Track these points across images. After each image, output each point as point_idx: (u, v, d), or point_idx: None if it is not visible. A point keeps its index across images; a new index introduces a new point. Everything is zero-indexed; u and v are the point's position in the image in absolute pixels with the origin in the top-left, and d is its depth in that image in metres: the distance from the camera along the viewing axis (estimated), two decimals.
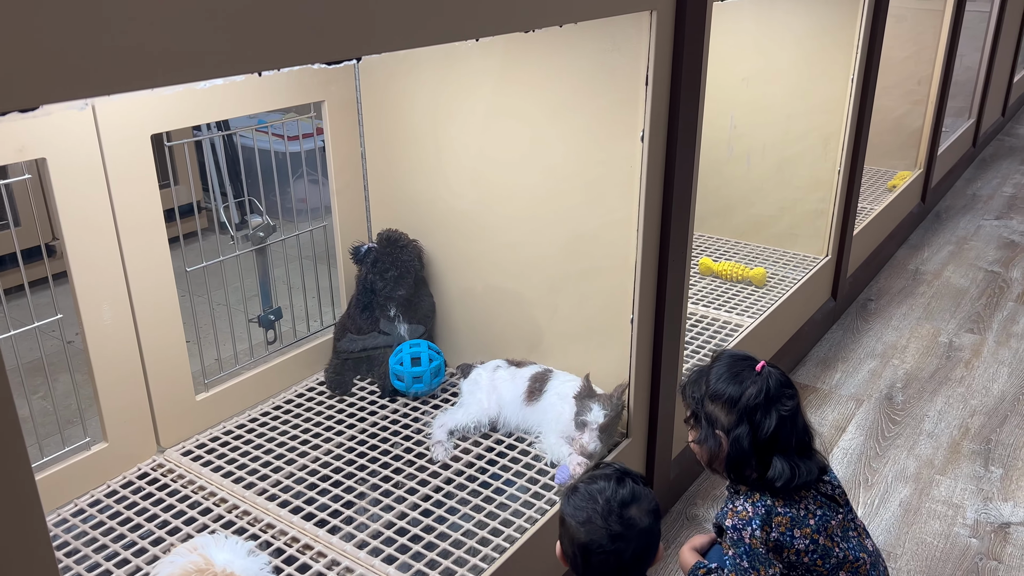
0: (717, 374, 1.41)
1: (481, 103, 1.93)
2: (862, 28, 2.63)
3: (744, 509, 1.36)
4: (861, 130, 2.81)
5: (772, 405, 1.36)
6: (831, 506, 1.40)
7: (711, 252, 3.12)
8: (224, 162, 2.64)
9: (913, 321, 3.11)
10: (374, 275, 2.11)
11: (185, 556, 1.14)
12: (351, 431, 1.98)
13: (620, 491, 1.25)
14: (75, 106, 1.49)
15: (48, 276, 1.77)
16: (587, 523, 1.23)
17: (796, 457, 1.36)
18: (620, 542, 1.22)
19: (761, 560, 1.33)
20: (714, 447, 1.40)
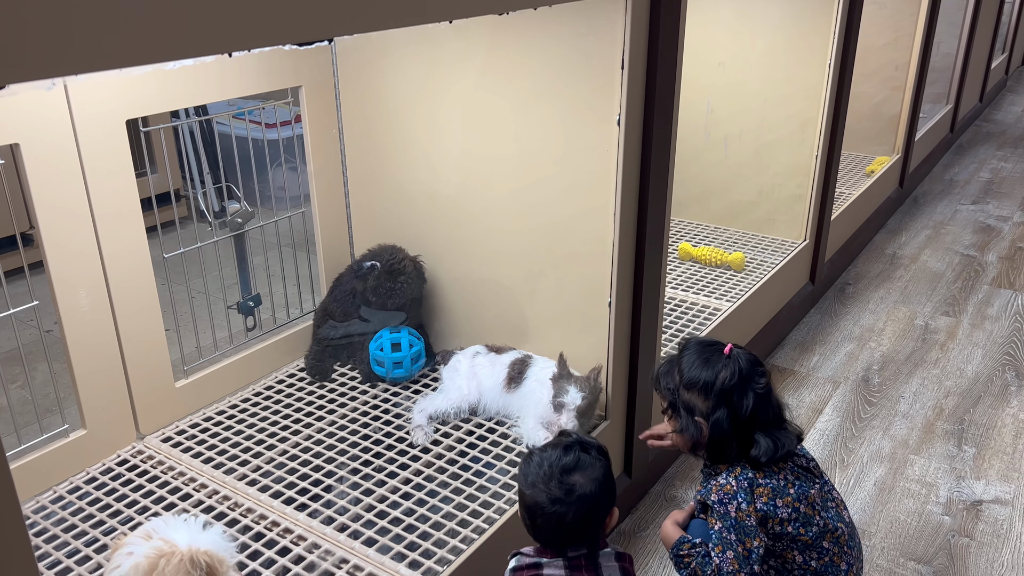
0: (688, 363, 1.44)
1: (457, 88, 1.93)
2: (839, 14, 2.65)
3: (728, 483, 1.39)
4: (838, 116, 2.83)
5: (747, 385, 1.40)
6: (808, 477, 1.43)
7: (690, 238, 3.14)
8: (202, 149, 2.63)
9: (890, 304, 3.15)
10: (375, 297, 2.09)
11: (141, 544, 1.12)
12: (331, 416, 1.99)
13: (564, 458, 1.31)
14: (41, 86, 1.48)
15: (24, 266, 1.75)
16: (532, 487, 1.30)
17: (775, 431, 1.41)
18: (559, 506, 1.27)
19: (747, 532, 1.35)
20: (695, 433, 1.43)
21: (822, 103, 2.77)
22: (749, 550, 1.35)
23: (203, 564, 1.16)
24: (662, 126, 1.72)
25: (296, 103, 2.13)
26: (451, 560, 1.52)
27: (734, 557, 1.35)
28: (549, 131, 1.81)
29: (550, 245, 1.92)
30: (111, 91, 1.67)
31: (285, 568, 1.52)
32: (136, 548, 1.14)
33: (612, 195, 1.71)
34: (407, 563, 1.52)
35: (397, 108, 2.06)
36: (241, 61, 1.91)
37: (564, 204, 1.85)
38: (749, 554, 1.35)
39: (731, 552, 1.36)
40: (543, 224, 1.92)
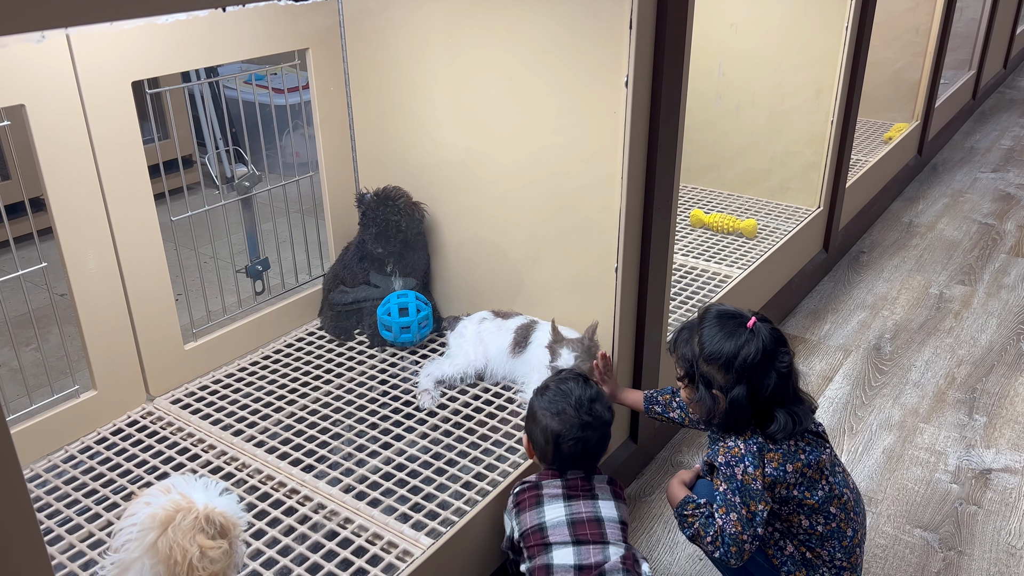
0: (710, 334, 1.39)
1: (464, 51, 1.91)
2: None
3: (736, 446, 1.37)
4: (855, 81, 2.78)
5: (769, 363, 1.36)
6: (818, 443, 1.42)
7: (703, 204, 3.11)
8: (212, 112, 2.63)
9: (905, 273, 3.11)
10: (361, 227, 2.10)
11: (160, 496, 1.14)
12: (339, 380, 2.00)
13: (588, 390, 1.51)
14: (30, 39, 1.47)
15: (33, 231, 1.76)
16: (561, 414, 1.47)
17: (792, 406, 1.38)
18: (588, 431, 1.47)
19: (752, 495, 1.35)
20: (711, 405, 1.40)
21: (838, 68, 2.71)
22: (753, 513, 1.35)
23: (217, 523, 1.17)
24: (671, 87, 1.69)
25: (304, 67, 2.12)
26: (455, 521, 1.53)
27: (737, 519, 1.35)
28: (556, 92, 1.79)
29: (557, 210, 1.91)
30: (116, 51, 1.67)
31: (291, 527, 1.54)
32: (154, 499, 1.16)
33: (620, 159, 1.69)
34: (411, 524, 1.54)
35: (405, 73, 2.04)
36: (248, 21, 1.89)
37: (571, 168, 1.83)
38: (753, 517, 1.35)
39: (735, 514, 1.35)
40: (550, 188, 1.90)
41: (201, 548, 1.09)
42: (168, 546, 1.08)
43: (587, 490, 1.48)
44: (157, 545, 1.08)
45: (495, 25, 1.84)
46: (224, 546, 1.16)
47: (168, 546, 1.08)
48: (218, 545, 1.12)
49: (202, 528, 1.14)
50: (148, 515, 1.13)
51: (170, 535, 1.09)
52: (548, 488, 1.47)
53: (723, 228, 2.84)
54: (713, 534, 1.38)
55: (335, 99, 2.16)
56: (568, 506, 1.45)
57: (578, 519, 1.43)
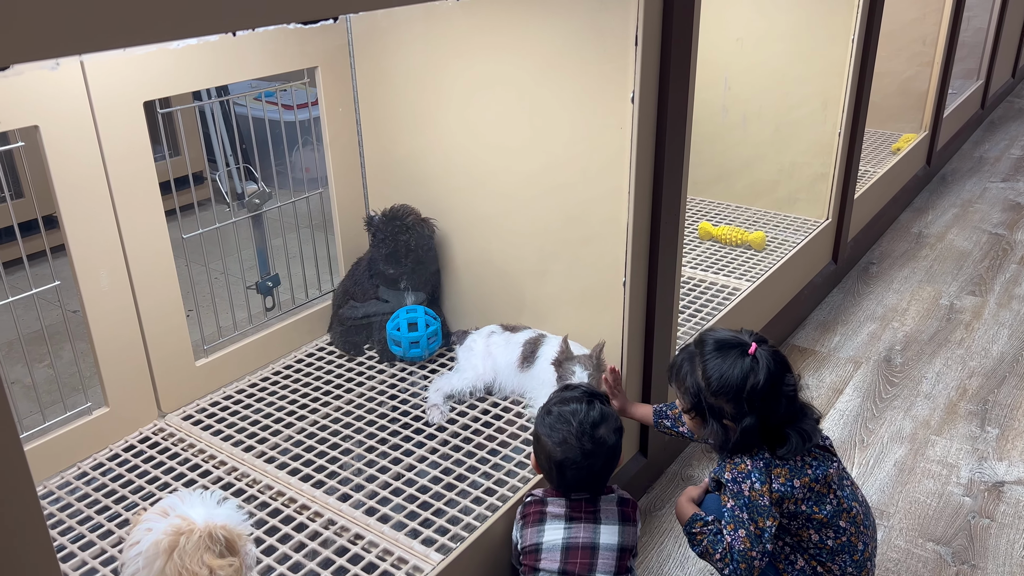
0: (713, 366, 1.37)
1: (471, 68, 1.93)
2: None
3: (742, 462, 1.37)
4: (862, 92, 2.78)
5: (777, 388, 1.35)
6: (826, 456, 1.41)
7: (711, 217, 3.11)
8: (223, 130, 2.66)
9: (914, 284, 3.10)
10: (372, 248, 2.11)
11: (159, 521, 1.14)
12: (349, 395, 2.01)
13: (591, 413, 1.45)
14: (46, 66, 1.49)
15: (46, 248, 1.78)
16: (563, 444, 1.44)
17: (799, 423, 1.38)
18: (592, 458, 1.43)
19: (760, 511, 1.34)
20: (722, 434, 1.39)
21: (845, 80, 2.72)
22: (761, 529, 1.35)
23: (221, 539, 1.18)
24: (678, 103, 1.70)
25: (313, 84, 2.14)
26: (464, 537, 1.53)
27: (746, 535, 1.35)
28: (562, 109, 1.80)
29: (565, 224, 1.92)
30: (128, 73, 1.69)
31: (301, 544, 1.55)
32: (155, 524, 1.16)
33: (626, 174, 1.70)
34: (421, 539, 1.54)
35: (412, 89, 2.06)
36: (258, 42, 1.91)
37: (578, 183, 1.84)
38: (761, 533, 1.35)
39: (743, 531, 1.35)
40: (558, 203, 1.91)
41: (211, 569, 1.10)
42: (176, 572, 1.08)
43: (591, 512, 1.47)
44: (166, 573, 1.09)
45: (502, 43, 1.85)
46: (235, 562, 1.16)
47: (176, 572, 1.08)
48: (228, 562, 1.12)
49: (208, 547, 1.15)
50: (152, 543, 1.13)
51: (176, 561, 1.09)
52: (552, 506, 1.47)
53: (731, 240, 2.84)
54: (722, 551, 1.37)
55: (344, 116, 2.18)
56: (568, 528, 1.45)
57: (573, 544, 1.44)
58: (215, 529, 1.17)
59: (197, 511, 1.17)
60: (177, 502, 1.17)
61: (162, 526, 1.15)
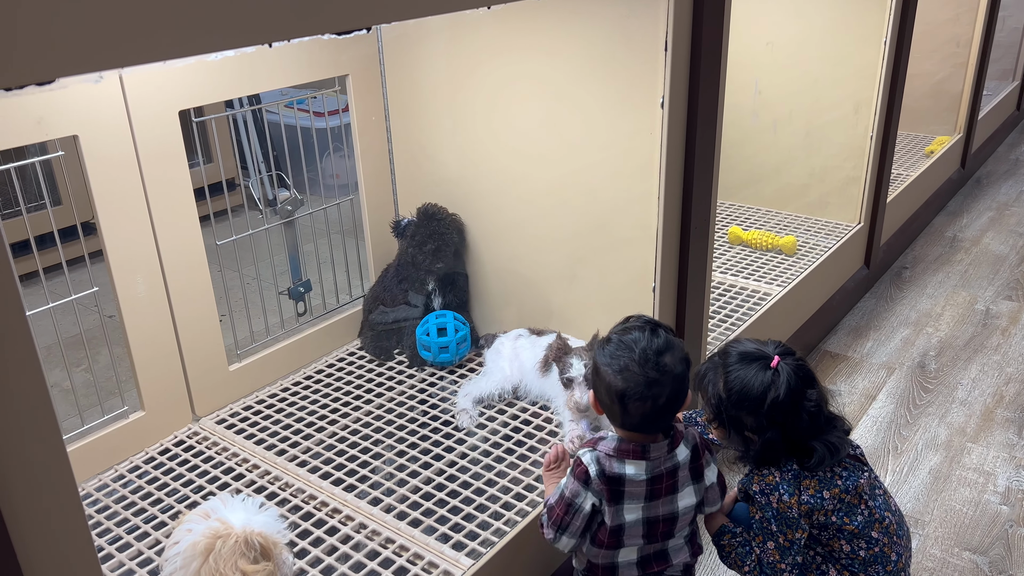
0: (734, 379, 1.35)
1: (500, 74, 1.94)
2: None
3: (771, 474, 1.36)
4: (895, 95, 2.75)
5: (798, 403, 1.33)
6: (856, 466, 1.39)
7: (741, 221, 3.09)
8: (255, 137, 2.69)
9: (949, 289, 3.06)
10: (414, 248, 2.12)
11: (200, 523, 1.16)
12: (379, 400, 2.03)
13: (655, 340, 1.30)
14: (90, 79, 1.53)
15: (85, 254, 1.82)
16: (624, 371, 1.28)
17: (827, 435, 1.36)
18: (656, 388, 1.27)
19: (788, 523, 1.33)
20: (743, 446, 1.38)
21: (877, 82, 2.69)
22: (791, 541, 1.33)
23: (257, 545, 1.19)
24: (707, 108, 1.70)
25: (344, 91, 2.16)
26: (495, 542, 1.54)
27: (775, 548, 1.34)
28: (592, 115, 1.81)
29: (594, 229, 1.92)
30: (164, 83, 1.72)
31: (333, 547, 1.56)
32: (195, 526, 1.18)
33: (656, 179, 1.70)
34: (451, 544, 1.55)
35: (442, 96, 2.08)
36: (290, 51, 1.94)
37: (608, 189, 1.84)
38: (790, 545, 1.33)
39: (772, 543, 1.34)
40: (587, 209, 1.91)
41: (243, 573, 1.11)
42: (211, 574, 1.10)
43: (671, 484, 1.36)
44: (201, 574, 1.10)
45: (531, 49, 1.86)
46: (269, 567, 1.18)
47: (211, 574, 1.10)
48: (261, 568, 1.14)
49: (243, 553, 1.16)
50: (190, 544, 1.15)
51: (211, 564, 1.11)
52: (631, 485, 1.33)
53: (762, 245, 2.82)
54: (751, 563, 1.36)
55: (374, 123, 2.20)
56: (647, 507, 1.35)
57: (653, 518, 1.36)
58: (251, 535, 1.19)
59: (237, 516, 1.19)
60: (219, 505, 1.19)
61: (201, 528, 1.17)
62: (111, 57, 0.74)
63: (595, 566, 1.39)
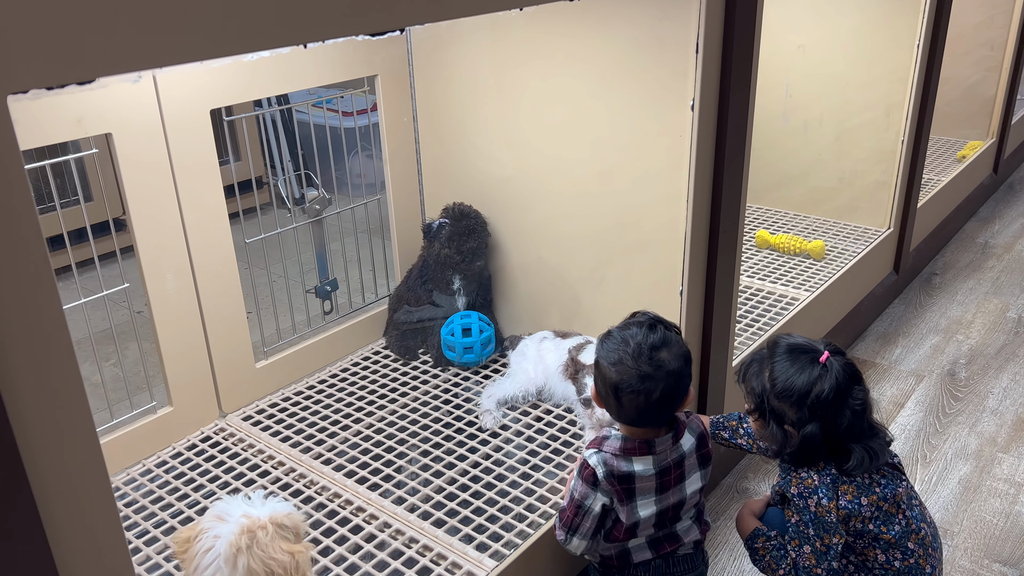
0: (781, 369, 1.35)
1: (528, 75, 1.94)
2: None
3: (809, 477, 1.34)
4: (927, 99, 2.72)
5: (843, 400, 1.32)
6: (894, 475, 1.38)
7: (768, 225, 3.07)
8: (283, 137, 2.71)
9: (980, 296, 3.01)
10: (450, 249, 2.11)
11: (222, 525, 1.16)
12: (404, 399, 2.03)
13: (651, 336, 1.33)
14: (129, 79, 1.55)
15: (116, 250, 1.85)
16: (618, 364, 1.32)
17: (868, 440, 1.34)
18: (649, 382, 1.30)
19: (826, 528, 1.32)
20: (783, 440, 1.36)
21: (909, 86, 2.65)
22: (827, 546, 1.32)
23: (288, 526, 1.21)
24: (738, 111, 1.68)
25: (372, 91, 2.17)
26: (518, 544, 1.54)
27: (811, 552, 1.32)
28: (621, 117, 1.80)
29: (621, 232, 1.91)
30: (196, 82, 1.74)
31: (357, 545, 1.57)
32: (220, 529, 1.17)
33: (685, 182, 1.69)
34: (475, 545, 1.55)
35: (470, 96, 2.08)
36: (319, 51, 1.95)
37: (636, 191, 1.84)
38: (827, 550, 1.32)
39: (808, 547, 1.33)
40: (614, 210, 1.90)
41: (293, 554, 1.12)
42: (261, 564, 1.11)
43: (679, 474, 1.38)
44: (251, 568, 1.11)
45: (561, 51, 1.86)
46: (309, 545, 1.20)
47: (261, 564, 1.11)
48: (304, 547, 1.16)
49: (282, 536, 1.18)
50: (228, 544, 1.15)
51: (259, 553, 1.11)
52: (641, 481, 1.35)
53: (790, 249, 2.79)
54: (786, 567, 1.35)
55: (402, 124, 2.21)
56: (659, 499, 1.37)
57: (665, 507, 1.38)
58: (280, 518, 1.20)
59: (257, 508, 1.19)
60: (228, 506, 1.19)
61: (231, 528, 1.17)
62: (151, 57, 0.75)
63: (607, 557, 1.40)
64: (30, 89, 0.71)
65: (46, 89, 0.72)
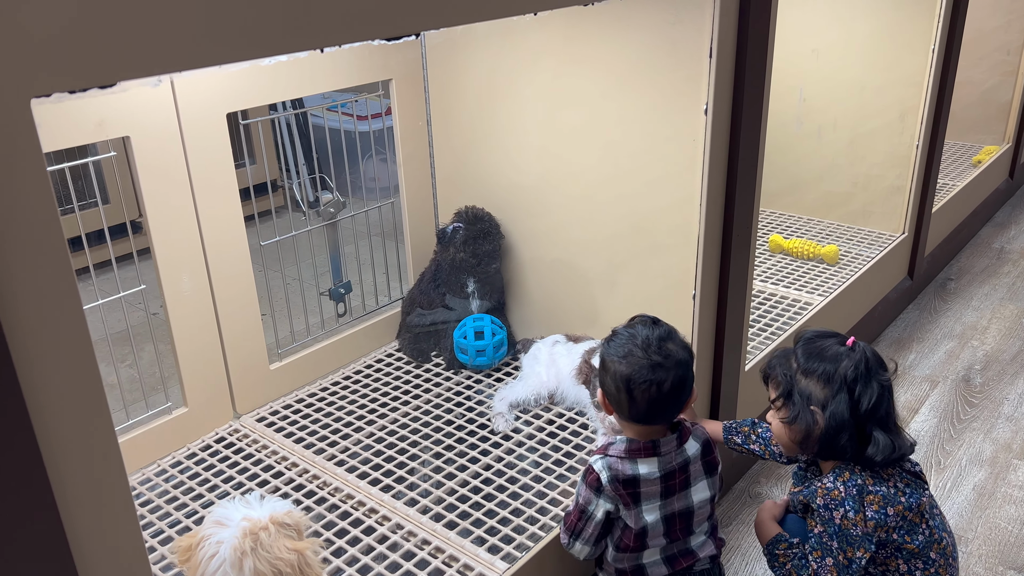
0: (808, 351, 1.37)
1: (542, 80, 1.94)
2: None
3: (836, 488, 1.33)
4: (942, 104, 2.70)
5: (871, 376, 1.33)
6: (917, 484, 1.37)
7: (782, 229, 3.06)
8: (298, 140, 2.74)
9: (996, 301, 2.99)
10: (465, 253, 2.13)
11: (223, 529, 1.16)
12: (416, 401, 2.04)
13: (656, 329, 1.37)
14: (149, 83, 1.56)
15: (133, 252, 1.86)
16: (628, 356, 1.34)
17: (892, 432, 1.34)
18: (660, 371, 1.32)
19: (850, 541, 1.31)
20: (809, 423, 1.35)
21: (924, 91, 2.65)
22: (851, 559, 1.31)
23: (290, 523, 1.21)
24: (751, 115, 1.68)
25: (387, 95, 2.19)
26: (530, 547, 1.54)
27: (834, 565, 1.31)
28: (634, 120, 1.80)
29: (634, 235, 1.91)
30: (213, 86, 1.75)
31: (370, 547, 1.58)
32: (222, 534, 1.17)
33: (698, 185, 1.69)
34: (487, 547, 1.55)
35: (483, 100, 2.09)
36: (334, 56, 1.97)
37: (649, 194, 1.84)
38: (849, 563, 1.30)
39: (831, 559, 1.32)
40: (627, 214, 1.91)
41: (298, 551, 1.13)
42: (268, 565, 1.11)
43: (683, 479, 1.39)
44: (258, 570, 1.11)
45: (574, 55, 1.86)
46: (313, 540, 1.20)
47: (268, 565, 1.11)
48: (309, 543, 1.16)
49: (285, 535, 1.18)
50: (232, 549, 1.16)
51: (264, 555, 1.12)
52: (646, 485, 1.36)
53: (803, 254, 2.79)
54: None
55: (416, 128, 2.22)
56: (664, 505, 1.37)
57: (669, 514, 1.38)
58: (280, 517, 1.20)
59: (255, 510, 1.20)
60: (227, 510, 1.19)
61: (233, 532, 1.18)
62: (172, 61, 0.76)
63: (622, 571, 1.40)
64: (53, 93, 0.72)
65: (68, 93, 0.73)
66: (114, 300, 1.82)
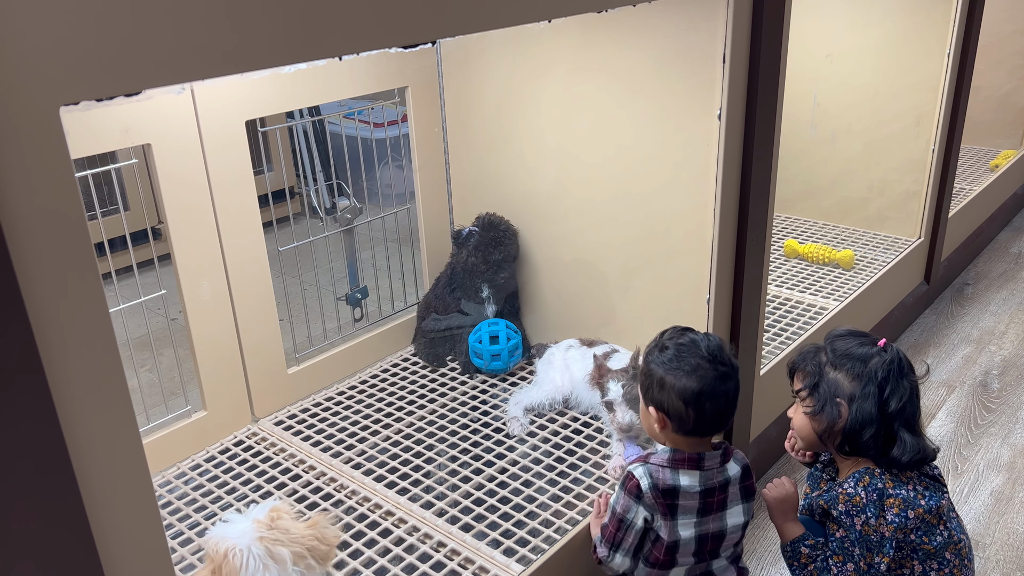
0: (839, 347, 1.37)
1: (556, 86, 1.96)
2: (961, 1, 2.52)
3: (857, 494, 1.33)
4: (958, 108, 2.70)
5: (901, 374, 1.34)
6: (936, 487, 1.37)
7: (797, 234, 3.06)
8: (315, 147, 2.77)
9: (1013, 306, 2.97)
10: (477, 259, 2.15)
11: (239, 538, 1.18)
12: (432, 405, 2.05)
13: (710, 338, 1.33)
14: (173, 90, 1.59)
15: (154, 257, 1.89)
16: (696, 370, 1.29)
17: (918, 435, 1.35)
18: (729, 381, 1.30)
19: (871, 546, 1.31)
20: (833, 415, 1.35)
21: (940, 95, 2.64)
22: (870, 564, 1.31)
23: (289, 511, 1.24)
24: (765, 120, 1.69)
25: (403, 103, 2.21)
26: (545, 549, 1.55)
27: (854, 570, 1.31)
28: (647, 126, 1.81)
29: (648, 240, 1.92)
30: (232, 94, 1.78)
31: (386, 548, 1.59)
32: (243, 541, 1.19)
33: (712, 191, 1.70)
34: (502, 550, 1.56)
35: (498, 107, 2.11)
36: (351, 63, 1.99)
37: (663, 199, 1.85)
38: (869, 568, 1.31)
39: (851, 564, 1.32)
40: (641, 219, 1.92)
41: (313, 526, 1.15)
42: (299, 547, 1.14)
43: (722, 499, 1.37)
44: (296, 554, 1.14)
45: (588, 61, 1.88)
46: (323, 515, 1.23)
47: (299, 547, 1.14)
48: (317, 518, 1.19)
49: (295, 519, 1.21)
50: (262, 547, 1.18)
51: (293, 536, 1.14)
52: (685, 498, 1.34)
53: (819, 259, 2.78)
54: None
55: (432, 135, 2.24)
56: (700, 523, 1.36)
57: (704, 534, 1.37)
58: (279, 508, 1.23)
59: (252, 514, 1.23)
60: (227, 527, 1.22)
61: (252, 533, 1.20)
62: (195, 69, 0.78)
63: None
64: (81, 101, 0.74)
65: (95, 101, 0.75)
66: (135, 305, 1.85)
